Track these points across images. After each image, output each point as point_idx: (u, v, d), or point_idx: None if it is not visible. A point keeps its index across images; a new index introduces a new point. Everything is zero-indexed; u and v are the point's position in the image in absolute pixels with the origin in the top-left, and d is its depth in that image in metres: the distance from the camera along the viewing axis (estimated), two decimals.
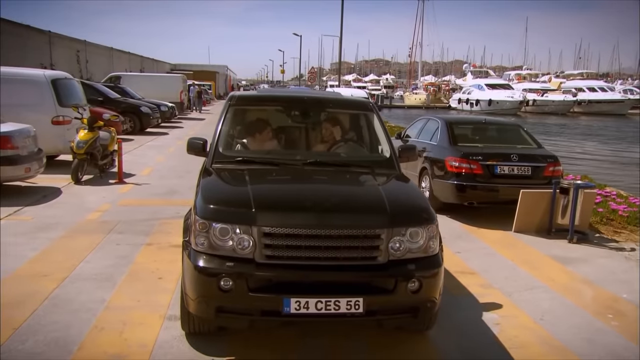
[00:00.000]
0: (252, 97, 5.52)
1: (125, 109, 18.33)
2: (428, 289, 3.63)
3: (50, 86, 10.62)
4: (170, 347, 3.85)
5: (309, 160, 4.49)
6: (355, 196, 4.08)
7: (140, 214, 7.55)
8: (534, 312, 4.77)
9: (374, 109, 5.18)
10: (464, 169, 7.84)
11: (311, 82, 46.82)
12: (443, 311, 4.49)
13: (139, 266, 5.46)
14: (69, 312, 4.32)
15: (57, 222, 6.94)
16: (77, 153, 9.45)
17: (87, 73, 32.04)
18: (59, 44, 29.22)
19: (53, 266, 5.31)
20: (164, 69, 53.58)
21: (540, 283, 5.54)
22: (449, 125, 8.68)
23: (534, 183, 7.83)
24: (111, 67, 35.23)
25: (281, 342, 3.98)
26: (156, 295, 4.73)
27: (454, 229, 7.58)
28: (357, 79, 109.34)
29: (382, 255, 3.55)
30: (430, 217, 3.78)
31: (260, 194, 3.76)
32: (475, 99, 53.84)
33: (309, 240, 3.46)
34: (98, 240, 6.21)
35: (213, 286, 3.43)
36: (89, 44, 33.77)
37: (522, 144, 8.68)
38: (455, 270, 5.74)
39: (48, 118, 10.46)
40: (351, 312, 3.44)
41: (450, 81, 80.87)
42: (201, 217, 3.55)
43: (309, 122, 5.04)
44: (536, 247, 6.80)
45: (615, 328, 4.51)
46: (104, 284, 4.95)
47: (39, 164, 8.73)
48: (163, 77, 31.12)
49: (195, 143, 4.69)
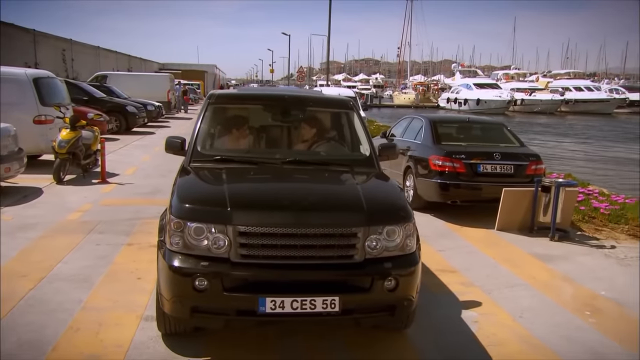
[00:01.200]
0: (232, 95, 5.48)
1: (110, 109, 18.19)
2: (405, 287, 3.62)
3: (32, 85, 10.50)
4: (146, 347, 3.82)
5: (288, 159, 4.46)
6: (332, 195, 4.07)
7: (122, 213, 7.49)
8: (513, 309, 4.79)
9: (355, 108, 5.16)
10: (447, 168, 7.86)
11: (300, 82, 46.68)
12: (422, 309, 4.50)
13: (118, 266, 5.41)
14: (45, 312, 4.27)
15: (37, 222, 6.86)
16: (59, 152, 9.36)
17: (73, 72, 31.73)
18: (44, 42, 28.90)
19: (31, 266, 5.25)
20: (152, 68, 53.24)
21: (521, 281, 5.56)
22: (432, 124, 8.69)
23: (516, 181, 7.86)
24: (98, 67, 34.90)
25: (258, 342, 3.96)
26: (134, 295, 4.69)
27: (437, 227, 7.60)
28: (347, 79, 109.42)
29: (359, 253, 3.54)
30: (407, 215, 3.78)
31: (236, 192, 3.73)
32: (464, 99, 54.14)
33: (285, 239, 3.44)
34: (78, 241, 6.15)
35: (188, 286, 3.40)
36: (74, 43, 33.44)
37: (505, 142, 8.72)
38: (436, 269, 5.75)
39: (30, 117, 10.36)
40: (327, 311, 3.42)
41: (440, 81, 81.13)
42: (176, 217, 3.52)
43: (288, 120, 5.02)
44: (518, 245, 6.83)
45: (593, 325, 4.54)
46: (82, 284, 4.90)
47: (20, 163, 8.63)
48: (150, 76, 30.92)
49: (174, 142, 4.65)
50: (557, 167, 15.51)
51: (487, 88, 55.14)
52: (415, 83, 78.44)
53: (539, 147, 22.20)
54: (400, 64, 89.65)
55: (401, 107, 57.56)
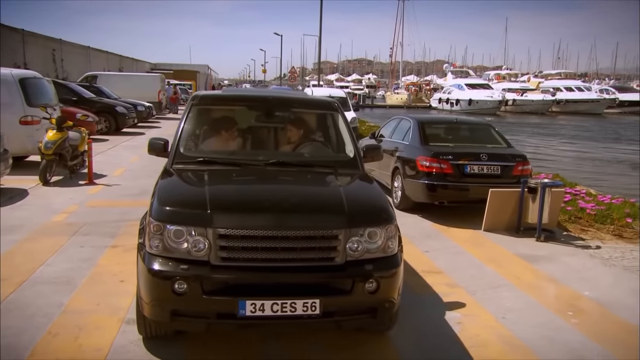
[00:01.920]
0: (216, 96, 5.46)
1: (100, 109, 18.08)
2: (386, 289, 3.62)
3: (18, 85, 10.42)
4: (127, 351, 3.79)
5: (271, 161, 4.44)
6: (313, 197, 4.05)
7: (108, 215, 7.44)
8: (496, 310, 4.80)
9: (339, 109, 5.15)
10: (434, 169, 7.87)
11: (293, 82, 46.63)
12: (405, 311, 4.51)
13: (101, 269, 5.37)
14: (24, 317, 4.22)
15: (21, 224, 6.80)
16: (45, 154, 9.29)
17: (63, 72, 31.54)
18: (33, 42, 28.71)
19: (12, 270, 5.19)
20: (144, 68, 53.00)
21: (506, 281, 5.57)
22: (420, 125, 8.70)
23: (503, 182, 7.88)
24: (88, 67, 34.68)
25: (240, 346, 3.93)
26: (116, 298, 4.65)
27: (424, 228, 7.61)
28: (340, 79, 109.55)
29: (340, 256, 3.53)
30: (389, 217, 3.77)
31: (216, 195, 3.71)
32: (456, 99, 54.30)
33: (265, 241, 3.43)
34: (62, 243, 6.10)
35: (167, 289, 3.37)
36: (64, 43, 33.24)
37: (493, 143, 8.74)
38: (422, 270, 5.75)
39: (16, 118, 10.27)
40: (307, 314, 3.41)
41: (432, 81, 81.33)
42: (155, 219, 3.49)
43: (272, 122, 5.00)
44: (504, 246, 6.85)
45: (575, 326, 4.55)
46: (63, 287, 4.85)
47: (5, 164, 8.55)
48: (141, 76, 30.76)
49: (156, 143, 4.61)
50: (546, 167, 15.58)
51: (479, 88, 55.31)
52: (408, 83, 78.55)
53: (529, 147, 22.32)
54: (393, 64, 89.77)
55: (393, 108, 57.62)
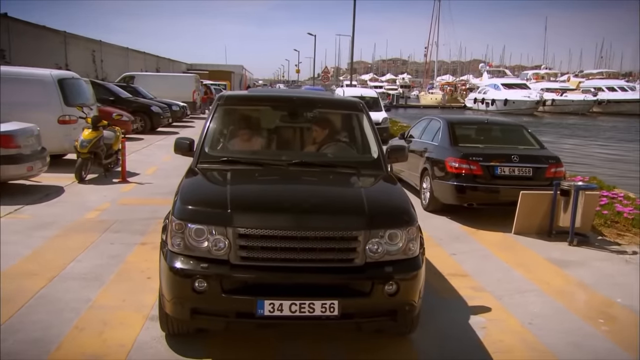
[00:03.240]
0: (241, 97, 5.50)
1: (136, 109, 18.46)
2: (406, 291, 3.58)
3: (57, 86, 10.72)
4: (149, 347, 3.85)
5: (294, 161, 4.45)
6: (334, 197, 4.04)
7: (139, 213, 7.58)
8: (523, 316, 4.69)
9: (364, 109, 5.12)
10: (463, 170, 7.75)
11: (325, 82, 46.68)
12: (429, 314, 4.46)
13: (129, 265, 5.48)
14: (53, 311, 4.34)
15: (55, 220, 7.00)
16: (81, 152, 9.54)
17: (103, 73, 32.37)
18: (75, 44, 29.56)
19: (44, 265, 5.35)
20: (180, 68, 53.93)
21: (534, 286, 5.44)
22: (450, 126, 8.58)
23: (535, 184, 7.70)
24: (127, 67, 35.52)
25: (260, 345, 3.95)
26: (142, 295, 4.73)
27: (452, 230, 7.50)
28: (374, 79, 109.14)
29: (359, 257, 3.51)
30: (410, 219, 3.73)
31: (237, 194, 3.73)
32: (491, 99, 53.34)
33: (285, 241, 3.43)
34: (93, 239, 6.25)
35: (187, 287, 3.42)
36: (104, 44, 34.12)
37: (525, 144, 8.55)
38: (447, 273, 5.67)
39: (54, 117, 10.57)
40: (326, 315, 3.40)
41: (468, 81, 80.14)
42: (177, 218, 3.54)
43: (297, 122, 5.01)
44: (534, 250, 6.69)
45: (605, 333, 4.41)
46: (92, 283, 4.97)
47: (42, 162, 8.82)
48: (176, 76, 31.28)
49: (182, 143, 4.68)
50: (583, 170, 15.14)
51: (516, 88, 54.18)
52: (443, 83, 77.66)
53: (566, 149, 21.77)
54: (427, 64, 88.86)
55: (427, 108, 56.95)
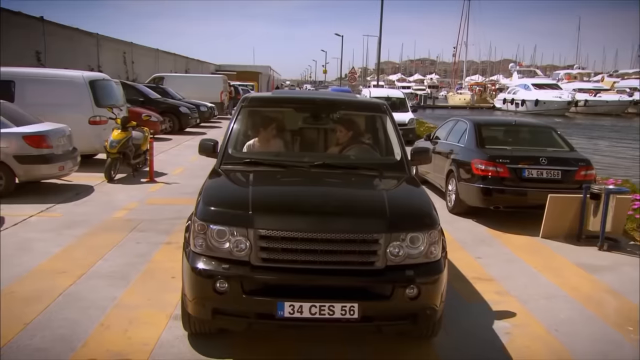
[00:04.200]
0: (265, 98, 5.53)
1: (165, 109, 18.74)
2: (427, 295, 3.55)
3: (88, 87, 10.96)
4: (171, 346, 3.90)
5: (317, 163, 4.45)
6: (355, 200, 4.02)
7: (165, 212, 7.69)
8: (549, 322, 4.59)
9: (388, 111, 5.09)
10: (490, 172, 7.64)
11: (352, 82, 46.55)
12: (452, 318, 4.42)
13: (155, 264, 5.56)
14: (80, 309, 4.43)
15: (85, 219, 7.15)
16: (111, 152, 9.73)
17: (133, 74, 32.92)
18: (107, 46, 30.12)
19: (72, 263, 5.47)
20: (209, 69, 54.50)
21: (561, 292, 5.33)
22: (476, 127, 8.48)
23: (564, 187, 7.54)
24: (157, 68, 36.05)
25: (282, 346, 3.96)
26: (167, 294, 4.79)
27: (477, 233, 7.40)
28: (402, 79, 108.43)
29: (380, 260, 3.49)
30: (432, 222, 3.69)
31: (259, 196, 3.76)
32: (521, 99, 52.43)
33: (305, 243, 3.43)
34: (119, 238, 6.36)
35: (209, 288, 3.45)
36: (135, 46, 34.68)
37: (554, 146, 8.38)
38: (472, 276, 5.60)
39: (85, 118, 10.80)
40: (346, 318, 3.40)
41: (497, 81, 78.98)
42: (200, 219, 3.58)
43: (320, 124, 5.03)
44: (562, 254, 6.55)
45: (634, 342, 4.29)
46: (118, 281, 5.06)
47: (73, 162, 9.02)
48: (204, 77, 31.64)
49: (206, 144, 4.72)
50: (617, 173, 14.75)
51: (547, 88, 53.11)
52: (472, 83, 76.70)
53: (601, 150, 21.26)
54: (456, 64, 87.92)
55: (456, 108, 56.29)
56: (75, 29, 26.95)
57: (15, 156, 8.11)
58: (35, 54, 22.41)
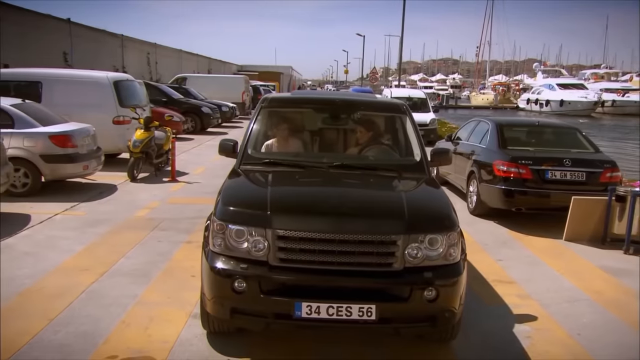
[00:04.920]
0: (284, 99, 5.55)
1: (187, 109, 18.93)
2: (446, 298, 3.52)
3: (112, 88, 11.13)
4: (190, 344, 3.94)
5: (335, 163, 4.45)
6: (373, 201, 4.01)
7: (187, 211, 7.77)
8: (571, 326, 4.52)
9: (407, 112, 5.07)
10: (512, 174, 7.54)
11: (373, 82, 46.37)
12: (472, 321, 4.38)
13: (175, 263, 5.63)
14: (102, 306, 4.51)
15: (108, 218, 7.26)
16: (133, 152, 9.87)
17: (157, 74, 33.36)
18: (131, 46, 30.59)
19: (95, 261, 5.56)
20: (231, 70, 54.92)
21: (584, 295, 5.24)
22: (498, 128, 8.38)
23: (589, 189, 7.41)
24: (180, 69, 36.48)
25: (300, 346, 3.97)
26: (187, 292, 4.84)
27: (499, 235, 7.32)
28: (424, 79, 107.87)
29: (398, 262, 3.47)
30: (452, 224, 3.67)
31: (277, 197, 3.77)
32: (545, 99, 51.64)
33: (323, 244, 3.44)
34: (141, 237, 6.44)
35: (227, 287, 3.47)
36: (158, 47, 35.15)
37: (578, 147, 8.25)
38: (492, 279, 5.54)
39: (110, 118, 10.97)
40: (363, 319, 3.39)
41: (522, 81, 77.91)
42: (219, 219, 3.61)
43: (339, 124, 5.03)
44: (586, 257, 6.44)
45: None
46: (139, 279, 5.13)
47: (97, 161, 9.17)
48: (226, 78, 31.88)
49: (226, 144, 4.76)
50: None
51: (572, 88, 52.20)
52: (495, 83, 75.80)
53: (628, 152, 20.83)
54: (479, 64, 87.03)
55: (478, 108, 55.70)
56: (100, 30, 27.44)
57: (41, 155, 8.28)
58: (62, 54, 22.86)
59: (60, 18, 23.69)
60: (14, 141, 8.17)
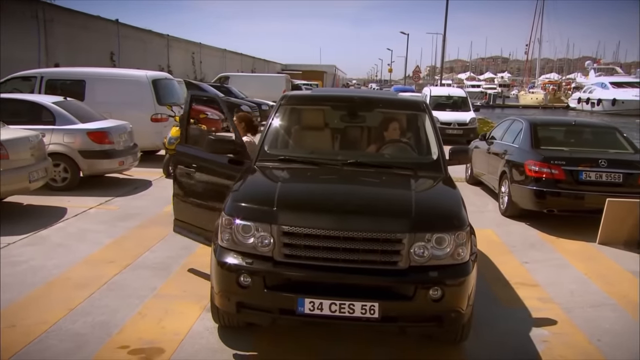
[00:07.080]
0: (303, 96, 5.57)
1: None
2: (452, 298, 3.47)
3: (151, 86, 11.44)
4: (201, 337, 4.02)
5: (349, 161, 4.43)
6: (380, 199, 3.98)
7: None
8: (591, 331, 4.36)
9: (427, 110, 5.01)
10: (544, 174, 7.33)
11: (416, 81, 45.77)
12: (487, 322, 4.32)
13: (196, 257, 5.73)
14: (121, 297, 4.65)
15: (138, 212, 7.48)
16: (169, 148, 10.10)
17: (201, 74, 34.05)
18: (176, 46, 31.35)
19: (121, 253, 5.75)
20: (275, 69, 55.50)
21: (610, 300, 5.05)
22: (532, 127, 8.15)
23: (625, 192, 7.11)
24: (224, 68, 37.11)
25: (308, 343, 3.98)
26: (203, 286, 4.89)
27: (528, 237, 7.12)
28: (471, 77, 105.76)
29: (403, 260, 3.44)
30: (460, 223, 3.60)
31: (284, 193, 3.80)
32: (597, 99, 49.67)
33: (328, 241, 3.44)
34: (167, 231, 6.58)
35: (233, 282, 3.52)
36: (203, 46, 35.88)
37: (617, 148, 7.93)
38: (515, 281, 5.40)
39: (147, 115, 11.28)
40: (366, 317, 3.37)
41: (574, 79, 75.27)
42: (227, 214, 3.66)
43: (356, 122, 5.01)
44: (618, 261, 6.19)
45: None
46: (160, 272, 5.27)
47: (133, 158, 9.46)
48: (267, 77, 32.19)
49: None
50: None
51: (626, 87, 49.98)
52: (545, 82, 73.55)
53: None
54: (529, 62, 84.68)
55: (527, 108, 54.17)
56: (147, 31, 28.21)
57: (80, 151, 8.61)
58: (109, 54, 23.66)
59: (108, 19, 24.50)
60: (54, 137, 8.53)
